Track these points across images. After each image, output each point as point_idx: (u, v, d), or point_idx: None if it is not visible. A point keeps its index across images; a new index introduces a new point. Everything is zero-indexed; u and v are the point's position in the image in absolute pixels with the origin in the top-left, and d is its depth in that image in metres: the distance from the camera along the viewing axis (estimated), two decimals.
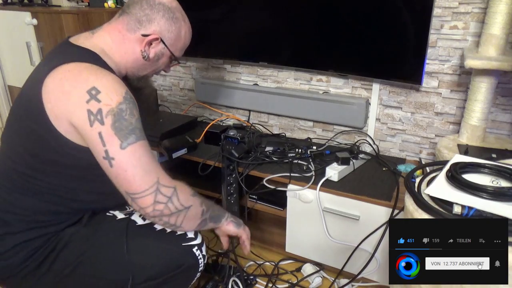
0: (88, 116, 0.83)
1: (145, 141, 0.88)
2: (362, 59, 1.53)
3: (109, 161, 0.84)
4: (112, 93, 0.85)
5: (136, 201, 0.86)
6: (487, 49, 1.21)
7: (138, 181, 0.85)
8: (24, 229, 0.93)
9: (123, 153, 0.84)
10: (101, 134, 0.83)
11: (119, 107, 0.84)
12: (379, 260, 1.33)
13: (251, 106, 1.89)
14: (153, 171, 0.87)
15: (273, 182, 1.46)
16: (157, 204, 0.87)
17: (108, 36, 0.97)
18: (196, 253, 1.00)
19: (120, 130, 0.84)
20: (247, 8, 1.68)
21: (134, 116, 0.87)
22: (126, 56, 0.99)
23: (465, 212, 0.83)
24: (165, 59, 1.06)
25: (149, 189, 0.86)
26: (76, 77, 0.85)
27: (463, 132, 1.35)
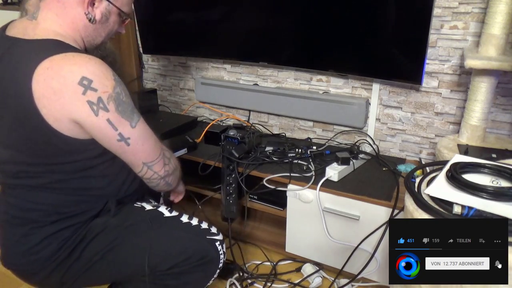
0: (91, 107, 0.84)
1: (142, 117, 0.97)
2: (362, 59, 1.52)
3: (125, 142, 0.92)
4: (104, 79, 0.86)
5: (152, 168, 1.00)
6: (487, 49, 1.21)
7: (153, 150, 1.00)
8: (50, 222, 0.96)
9: (135, 131, 0.93)
10: (109, 120, 0.87)
11: (115, 91, 0.88)
12: (379, 260, 1.33)
13: (251, 106, 1.89)
14: (157, 140, 1.02)
15: (273, 182, 1.46)
16: (165, 166, 1.04)
17: (51, 12, 0.90)
18: (219, 247, 1.06)
19: (125, 113, 0.90)
20: (247, 8, 1.68)
21: (127, 95, 0.92)
22: (76, 26, 0.92)
23: (465, 212, 0.83)
24: (114, 17, 0.98)
25: (160, 154, 1.01)
26: (59, 72, 0.82)
27: (463, 132, 1.35)
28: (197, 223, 1.08)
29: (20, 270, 1.00)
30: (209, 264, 1.05)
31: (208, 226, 1.09)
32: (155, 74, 2.20)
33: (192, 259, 1.02)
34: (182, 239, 1.03)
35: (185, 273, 1.02)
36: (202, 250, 1.03)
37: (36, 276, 1.00)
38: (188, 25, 1.83)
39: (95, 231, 1.00)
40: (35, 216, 0.95)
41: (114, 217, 1.03)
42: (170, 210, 1.09)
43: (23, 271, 1.00)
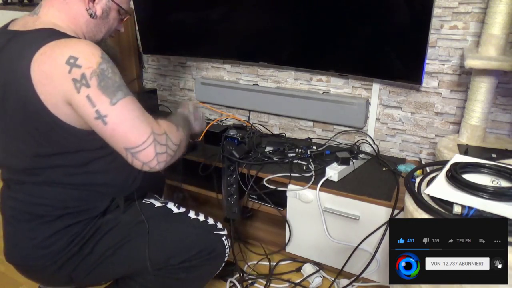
0: (74, 85, 0.82)
1: (132, 96, 0.88)
2: (362, 59, 1.53)
3: (102, 120, 0.83)
4: (90, 56, 0.84)
5: (137, 155, 0.86)
6: (487, 49, 1.21)
7: (135, 133, 0.85)
8: (58, 217, 0.97)
9: (114, 109, 0.84)
10: (89, 96, 0.82)
11: (100, 67, 0.84)
12: (379, 260, 1.33)
13: (251, 106, 1.89)
14: (146, 122, 0.87)
15: (273, 182, 1.46)
16: (159, 156, 0.88)
17: (53, 8, 0.94)
18: (225, 242, 1.12)
19: (107, 88, 0.83)
20: (247, 8, 1.68)
21: (116, 73, 0.87)
22: (78, 22, 0.96)
23: (465, 212, 0.83)
24: (114, 14, 1.02)
25: (147, 140, 0.86)
26: (51, 55, 0.83)
27: (463, 132, 1.35)
28: (204, 218, 1.14)
29: (26, 265, 1.00)
30: (217, 258, 1.11)
31: (215, 222, 1.15)
32: (155, 74, 2.20)
33: (202, 253, 1.07)
34: (192, 235, 1.08)
35: (195, 266, 1.07)
36: (210, 245, 1.08)
37: (43, 272, 1.00)
38: (188, 25, 1.83)
39: (107, 227, 1.02)
40: (42, 211, 0.96)
41: (125, 213, 1.05)
42: (178, 207, 1.13)
43: (30, 266, 1.00)
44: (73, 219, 0.98)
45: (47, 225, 0.96)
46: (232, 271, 1.45)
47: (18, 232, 0.99)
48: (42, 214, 0.96)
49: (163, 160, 0.89)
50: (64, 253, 0.97)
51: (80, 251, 0.99)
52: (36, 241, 0.96)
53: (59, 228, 0.97)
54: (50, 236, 0.96)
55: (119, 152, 0.89)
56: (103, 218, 1.03)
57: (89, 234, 1.00)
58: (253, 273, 1.50)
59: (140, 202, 1.11)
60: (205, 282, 1.17)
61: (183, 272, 1.06)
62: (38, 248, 0.96)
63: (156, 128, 0.89)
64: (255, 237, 1.68)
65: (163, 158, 0.89)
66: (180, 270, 1.06)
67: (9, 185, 1.00)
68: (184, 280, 1.07)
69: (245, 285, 1.43)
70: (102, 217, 1.03)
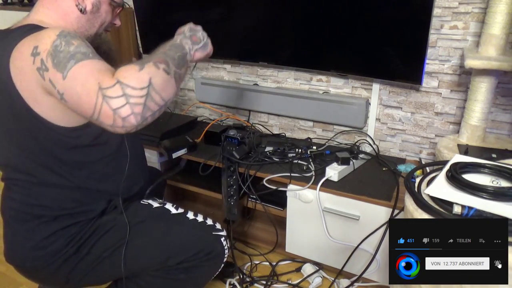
0: (39, 73, 0.79)
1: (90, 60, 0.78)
2: (362, 59, 1.53)
3: (62, 98, 0.78)
4: (46, 38, 0.80)
5: (100, 121, 0.75)
6: (487, 49, 1.21)
7: (84, 99, 0.74)
8: (55, 218, 0.97)
9: (66, 83, 0.76)
10: (50, 79, 0.78)
11: (54, 45, 0.79)
12: (379, 260, 1.33)
13: (251, 106, 1.89)
14: (91, 81, 0.75)
15: (273, 182, 1.46)
16: (119, 111, 0.72)
17: (43, 7, 0.93)
18: (224, 242, 1.10)
19: (59, 64, 0.77)
20: (247, 8, 1.68)
21: (72, 44, 0.79)
22: (68, 19, 0.94)
23: (465, 212, 0.83)
24: (105, 7, 0.99)
25: (96, 101, 0.73)
26: (21, 50, 0.82)
27: (463, 132, 1.35)
28: (202, 219, 1.13)
29: (25, 266, 1.01)
30: (215, 259, 1.10)
31: (213, 222, 1.14)
32: None
33: (201, 254, 1.06)
34: (190, 235, 1.07)
35: (194, 267, 1.06)
36: (209, 246, 1.07)
37: (41, 272, 1.00)
38: None
39: (105, 228, 1.02)
40: (39, 212, 0.96)
41: (122, 214, 1.05)
42: (176, 207, 1.13)
43: (28, 267, 1.00)
44: (70, 220, 0.98)
45: (44, 226, 0.96)
46: (232, 272, 1.45)
47: (16, 233, 0.99)
48: (39, 215, 0.96)
49: (128, 114, 0.73)
50: (62, 254, 0.97)
51: (78, 252, 0.99)
52: (34, 242, 0.96)
53: (56, 229, 0.97)
54: (47, 237, 0.96)
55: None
56: (101, 219, 1.03)
57: (87, 235, 1.00)
58: (253, 273, 1.50)
59: (138, 203, 1.11)
60: (204, 283, 1.17)
61: (181, 273, 1.06)
62: (36, 249, 0.96)
63: (104, 82, 0.74)
64: (255, 237, 1.68)
65: (126, 112, 0.72)
66: (178, 271, 1.05)
67: (8, 185, 1.01)
68: (183, 281, 1.07)
69: (245, 286, 1.43)
70: (100, 218, 1.03)
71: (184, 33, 1.01)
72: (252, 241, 1.66)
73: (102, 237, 1.02)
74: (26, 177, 0.96)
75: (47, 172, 0.95)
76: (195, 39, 1.02)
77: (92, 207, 1.01)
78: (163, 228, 1.07)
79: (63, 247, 0.97)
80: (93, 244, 1.01)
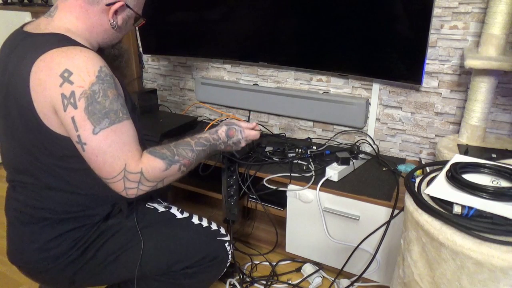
0: (62, 101, 0.81)
1: (121, 123, 0.86)
2: (362, 59, 1.53)
3: (81, 146, 0.85)
4: (84, 74, 0.82)
5: (110, 185, 0.89)
6: (487, 49, 1.21)
7: (107, 168, 0.86)
8: (60, 220, 0.97)
9: (95, 139, 0.83)
10: (74, 118, 0.82)
11: (92, 89, 0.82)
12: (379, 260, 1.33)
13: (251, 106, 1.89)
14: (121, 158, 0.86)
15: (273, 182, 1.46)
16: (128, 190, 0.89)
17: (70, 14, 0.92)
18: (228, 248, 1.12)
19: (93, 114, 0.83)
20: (247, 8, 1.68)
21: (108, 97, 0.84)
22: (95, 30, 0.95)
23: (465, 212, 0.83)
24: (131, 21, 1.02)
25: (116, 176, 0.87)
26: (49, 64, 0.82)
27: (463, 132, 1.35)
28: (207, 224, 1.13)
29: (28, 267, 1.00)
30: (219, 264, 1.11)
31: (218, 227, 1.14)
32: (155, 74, 2.20)
33: (205, 260, 1.07)
34: (195, 241, 1.07)
35: (198, 272, 1.07)
36: (214, 251, 1.09)
37: (45, 274, 1.00)
38: (188, 25, 1.83)
39: (111, 232, 1.02)
40: (44, 214, 0.96)
41: (127, 218, 1.05)
42: (181, 212, 1.12)
43: (32, 268, 1.00)
44: (75, 224, 0.98)
45: (49, 228, 0.96)
46: (232, 272, 1.45)
47: (20, 234, 0.99)
48: (44, 217, 0.96)
49: (133, 194, 0.90)
50: (66, 257, 0.97)
51: (82, 255, 0.99)
52: (38, 244, 0.96)
53: (61, 232, 0.97)
54: (51, 240, 0.96)
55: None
56: (106, 223, 1.03)
57: (92, 239, 1.00)
58: (253, 273, 1.50)
59: (144, 206, 1.10)
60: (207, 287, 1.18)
61: (186, 278, 1.06)
62: (40, 251, 0.96)
63: (131, 165, 0.87)
64: (255, 237, 1.68)
65: (132, 192, 0.90)
66: (182, 276, 1.06)
67: (14, 186, 1.00)
68: (186, 285, 1.07)
69: (245, 286, 1.43)
70: (105, 222, 1.03)
71: (236, 139, 1.15)
72: (252, 241, 1.66)
73: (107, 241, 1.01)
74: (31, 179, 0.95)
75: (51, 176, 0.94)
76: (232, 135, 1.15)
77: (97, 211, 1.01)
78: (169, 234, 1.06)
79: (68, 250, 0.97)
80: (98, 248, 1.00)
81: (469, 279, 0.78)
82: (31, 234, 0.97)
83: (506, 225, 0.78)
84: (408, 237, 0.93)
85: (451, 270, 0.81)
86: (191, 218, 1.12)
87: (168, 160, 0.93)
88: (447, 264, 0.81)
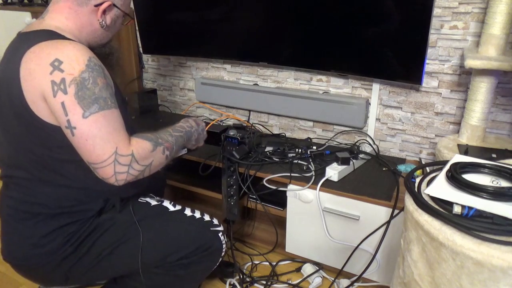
0: (52, 87, 0.84)
1: (110, 110, 0.88)
2: (362, 59, 1.52)
3: (71, 130, 0.85)
4: (74, 62, 0.85)
5: (97, 171, 0.87)
6: (487, 49, 1.21)
7: (97, 151, 0.85)
8: (53, 216, 0.97)
9: (84, 122, 0.84)
10: (63, 103, 0.84)
11: (81, 76, 0.85)
12: (379, 260, 1.33)
13: (251, 106, 1.89)
14: (112, 141, 0.86)
15: (273, 182, 1.46)
16: (118, 175, 0.87)
17: (60, 15, 0.96)
18: (221, 238, 1.14)
19: (83, 99, 0.84)
20: (247, 8, 1.68)
21: (97, 84, 0.86)
22: (85, 30, 0.98)
23: (465, 212, 0.83)
24: (120, 20, 1.06)
25: (107, 159, 0.86)
26: (39, 54, 0.86)
27: (463, 132, 1.35)
28: (200, 215, 1.16)
29: (22, 264, 1.01)
30: (214, 254, 1.13)
31: (210, 218, 1.17)
32: (155, 74, 2.20)
33: (199, 250, 1.09)
34: (188, 232, 1.10)
35: (193, 263, 1.09)
36: (207, 242, 1.11)
37: (39, 271, 1.01)
38: (188, 25, 1.83)
39: (104, 227, 1.03)
40: (37, 209, 0.97)
41: (120, 213, 1.06)
42: (173, 205, 1.15)
43: (26, 265, 1.01)
44: (68, 219, 0.99)
45: (42, 224, 0.97)
46: (232, 272, 1.45)
47: (14, 231, 0.99)
48: (37, 213, 0.97)
49: (122, 179, 0.89)
50: (60, 253, 0.98)
51: (76, 251, 1.00)
52: (32, 240, 0.97)
53: (55, 228, 0.97)
54: (45, 235, 0.97)
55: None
56: (99, 218, 1.04)
57: (85, 234, 1.01)
58: (253, 273, 1.50)
59: (136, 201, 1.12)
60: (203, 278, 1.20)
61: (180, 269, 1.08)
62: (34, 247, 0.97)
63: (122, 148, 0.87)
64: (255, 237, 1.68)
65: (122, 177, 0.88)
66: (177, 267, 1.07)
67: (7, 184, 1.01)
68: (182, 276, 1.09)
69: (245, 286, 1.43)
70: (98, 217, 1.04)
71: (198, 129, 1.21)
72: (252, 241, 1.66)
73: (101, 236, 1.02)
74: (24, 174, 0.96)
75: (44, 170, 0.95)
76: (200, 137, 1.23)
77: (90, 206, 1.02)
78: (162, 226, 1.09)
79: (61, 246, 0.98)
80: (92, 243, 1.01)
81: (469, 279, 0.78)
82: (24, 231, 0.97)
83: (506, 225, 0.78)
84: (408, 237, 0.93)
85: (451, 270, 0.81)
86: (183, 211, 1.14)
87: (154, 142, 0.95)
88: (447, 264, 0.81)
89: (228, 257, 1.51)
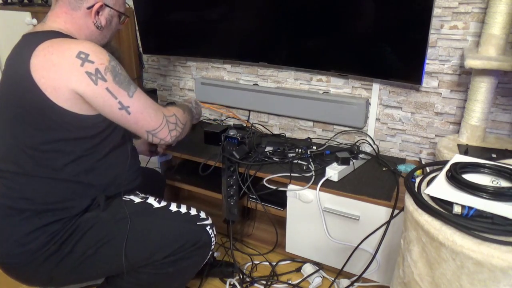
0: (89, 77, 0.92)
1: (140, 90, 1.02)
2: (362, 59, 1.52)
3: (125, 110, 0.98)
4: (99, 54, 0.94)
5: (156, 135, 1.05)
6: (487, 49, 1.21)
7: (153, 118, 1.03)
8: (38, 213, 0.97)
9: (133, 101, 0.98)
10: (108, 89, 0.94)
11: (111, 64, 0.95)
12: (379, 260, 1.33)
13: (251, 106, 1.89)
14: (157, 109, 1.05)
15: (273, 182, 1.46)
16: (172, 132, 1.09)
17: (59, 19, 1.01)
18: (209, 231, 1.13)
19: (122, 83, 0.96)
20: (247, 8, 1.68)
21: (123, 70, 0.99)
22: (83, 33, 1.04)
23: (465, 212, 0.83)
24: (115, 19, 1.10)
25: (162, 122, 1.05)
26: (59, 47, 0.92)
27: (463, 132, 1.35)
28: (186, 210, 1.14)
29: (6, 263, 1.00)
30: (202, 248, 1.12)
31: (197, 212, 1.15)
32: (155, 74, 2.21)
33: (186, 246, 1.07)
34: (174, 228, 1.08)
35: (182, 259, 1.07)
36: (194, 236, 1.09)
37: (23, 270, 1.00)
38: (188, 25, 1.83)
39: (87, 226, 1.02)
40: (22, 205, 0.96)
41: (104, 211, 1.05)
42: (158, 201, 1.14)
43: (9, 264, 0.99)
44: (52, 217, 0.98)
45: (26, 222, 0.96)
46: (232, 272, 1.45)
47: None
48: (22, 209, 0.96)
49: (175, 135, 1.10)
50: (42, 252, 0.97)
51: (60, 250, 0.99)
52: (15, 237, 0.96)
53: (38, 226, 0.97)
54: (28, 234, 0.96)
55: (139, 134, 1.04)
56: (83, 216, 1.03)
57: (68, 233, 1.00)
58: (253, 273, 1.50)
59: (120, 199, 1.11)
60: (193, 273, 1.18)
61: (169, 266, 1.07)
62: (17, 244, 0.96)
63: (166, 111, 1.08)
64: (255, 237, 1.68)
65: (174, 134, 1.09)
66: (166, 265, 1.06)
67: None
68: (171, 273, 1.08)
69: (245, 286, 1.43)
70: (82, 216, 1.03)
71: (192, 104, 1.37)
72: (252, 241, 1.66)
73: (84, 234, 1.02)
74: (13, 167, 0.96)
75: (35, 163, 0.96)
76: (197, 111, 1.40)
77: (76, 203, 1.02)
78: (146, 223, 1.07)
79: (45, 245, 0.97)
80: (75, 242, 1.01)
81: (469, 279, 0.78)
82: (9, 228, 0.97)
83: (506, 225, 0.78)
84: (408, 237, 0.93)
85: (451, 270, 0.81)
86: (169, 206, 1.13)
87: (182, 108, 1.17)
88: (447, 264, 0.81)
89: (228, 257, 1.51)
